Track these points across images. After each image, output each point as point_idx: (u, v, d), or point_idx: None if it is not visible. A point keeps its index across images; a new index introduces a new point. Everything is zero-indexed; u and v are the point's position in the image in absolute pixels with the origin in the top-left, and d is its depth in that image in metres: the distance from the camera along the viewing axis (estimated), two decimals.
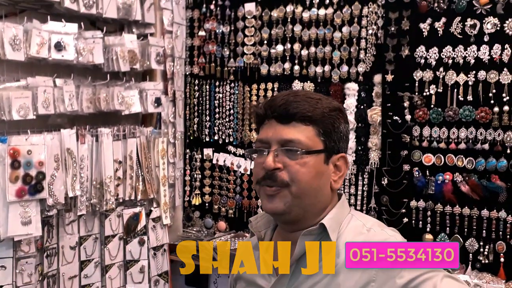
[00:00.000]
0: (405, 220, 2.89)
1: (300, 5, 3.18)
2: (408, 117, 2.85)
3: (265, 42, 3.31)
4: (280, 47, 3.26)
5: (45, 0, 2.54)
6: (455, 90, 2.73)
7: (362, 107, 3.02)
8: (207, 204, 3.62)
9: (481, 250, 2.71)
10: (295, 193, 1.34)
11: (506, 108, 2.60)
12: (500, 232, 2.66)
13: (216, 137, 3.56)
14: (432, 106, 2.79)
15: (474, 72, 2.68)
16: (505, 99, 2.60)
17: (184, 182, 3.67)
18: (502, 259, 2.66)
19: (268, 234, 1.52)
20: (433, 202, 2.82)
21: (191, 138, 3.65)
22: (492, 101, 2.64)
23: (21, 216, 2.45)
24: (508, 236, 2.65)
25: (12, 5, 2.56)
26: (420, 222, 2.86)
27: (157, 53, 3.21)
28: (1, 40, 2.40)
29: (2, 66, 2.52)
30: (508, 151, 2.61)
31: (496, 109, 2.62)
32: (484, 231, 2.69)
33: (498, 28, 2.62)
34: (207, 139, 3.60)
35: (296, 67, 3.21)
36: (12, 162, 2.41)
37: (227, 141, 3.53)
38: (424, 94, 2.81)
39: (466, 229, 2.74)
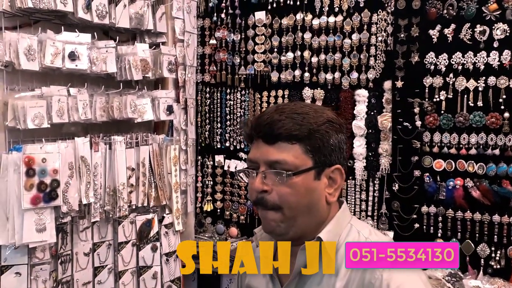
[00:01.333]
0: (416, 225, 2.89)
1: (309, 13, 3.21)
2: (418, 123, 2.86)
3: (275, 49, 3.34)
4: (290, 55, 3.28)
5: (58, 10, 2.57)
6: (465, 96, 2.74)
7: (372, 113, 3.03)
8: (218, 210, 3.65)
9: (493, 255, 2.70)
10: (288, 215, 1.34)
11: None
12: None
13: (227, 144, 3.59)
14: (442, 112, 2.80)
15: (484, 78, 2.69)
16: None
17: (196, 189, 3.69)
18: None
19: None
20: (444, 208, 2.82)
21: (203, 145, 3.68)
22: (502, 107, 2.64)
23: (36, 223, 2.47)
24: None
25: (26, 16, 2.59)
26: (431, 228, 2.86)
27: (169, 62, 3.24)
28: (16, 50, 2.44)
29: (17, 76, 2.57)
30: None
31: (506, 114, 2.62)
32: (495, 236, 2.69)
33: (507, 34, 2.62)
34: (219, 146, 3.62)
35: (306, 74, 3.23)
36: (27, 170, 2.44)
37: (238, 147, 3.55)
38: (434, 100, 2.82)
39: (477, 235, 2.74)
